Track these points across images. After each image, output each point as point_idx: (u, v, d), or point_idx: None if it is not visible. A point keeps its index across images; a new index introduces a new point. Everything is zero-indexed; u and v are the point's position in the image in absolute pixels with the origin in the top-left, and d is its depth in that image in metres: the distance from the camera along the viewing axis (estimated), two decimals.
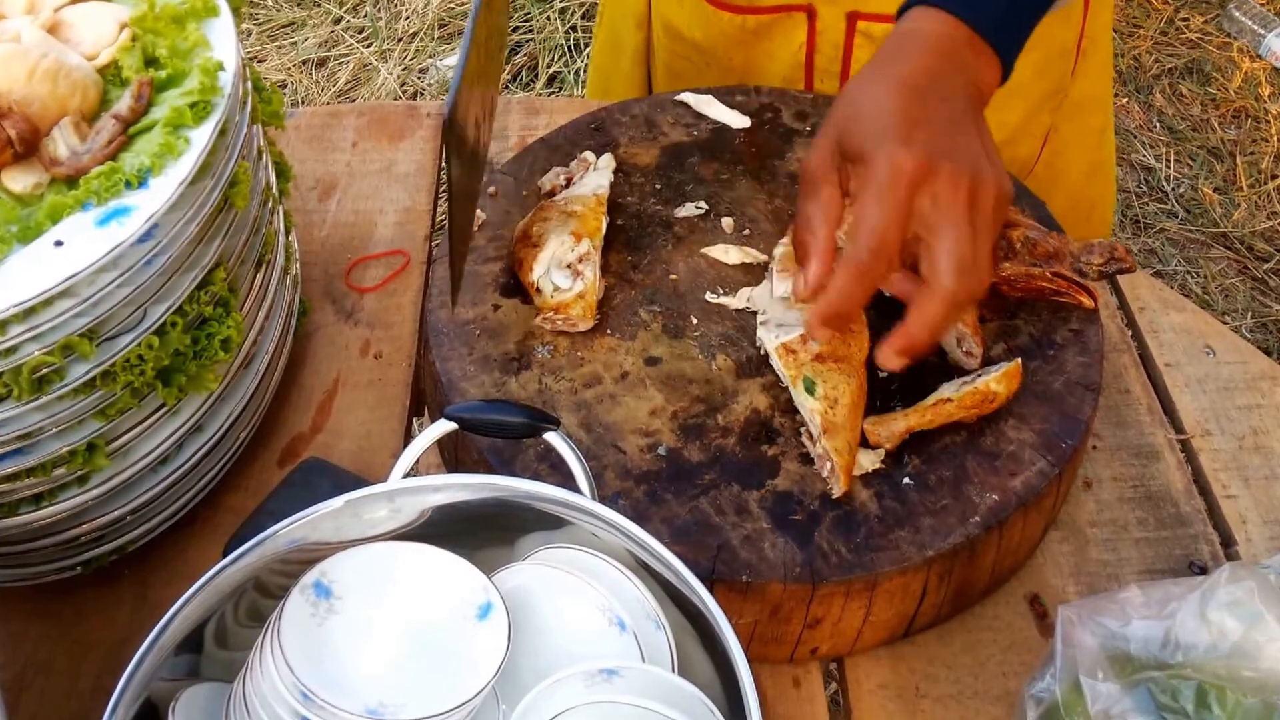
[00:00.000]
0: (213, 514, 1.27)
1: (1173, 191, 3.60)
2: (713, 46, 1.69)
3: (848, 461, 1.15)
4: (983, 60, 1.17)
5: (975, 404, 1.19)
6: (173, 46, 1.13)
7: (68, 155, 1.07)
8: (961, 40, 1.17)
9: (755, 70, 1.67)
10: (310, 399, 1.38)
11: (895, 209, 1.09)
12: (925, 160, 1.09)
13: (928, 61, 1.15)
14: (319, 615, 0.90)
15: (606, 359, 1.26)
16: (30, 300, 0.98)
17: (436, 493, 0.96)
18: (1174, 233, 3.49)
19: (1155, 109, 3.83)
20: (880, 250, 1.10)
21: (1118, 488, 1.30)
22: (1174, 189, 3.60)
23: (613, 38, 1.88)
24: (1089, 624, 1.05)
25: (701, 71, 1.73)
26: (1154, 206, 3.55)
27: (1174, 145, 3.73)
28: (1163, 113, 3.82)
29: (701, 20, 1.68)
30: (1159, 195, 3.59)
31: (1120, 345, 1.42)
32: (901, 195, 1.09)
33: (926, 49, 1.16)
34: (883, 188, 1.09)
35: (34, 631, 1.19)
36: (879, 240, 1.09)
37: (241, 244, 1.18)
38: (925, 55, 1.16)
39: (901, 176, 1.09)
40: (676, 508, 1.15)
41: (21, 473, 1.08)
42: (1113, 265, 1.30)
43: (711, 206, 1.40)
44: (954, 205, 1.10)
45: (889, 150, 1.09)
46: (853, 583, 1.11)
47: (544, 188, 1.42)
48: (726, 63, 1.69)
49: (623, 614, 0.93)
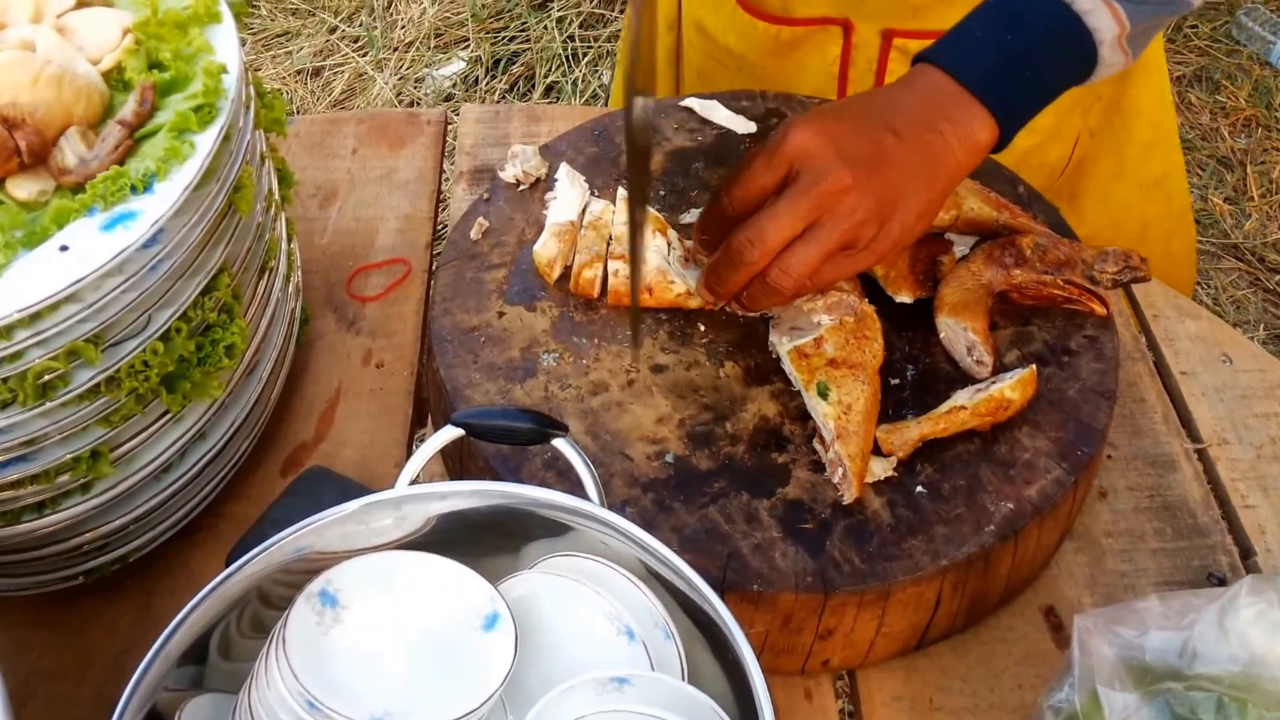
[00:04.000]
0: (215, 523, 1.26)
1: None
2: (745, 53, 1.69)
3: (860, 468, 1.13)
4: (972, 115, 1.19)
5: (990, 411, 1.18)
6: (176, 51, 1.13)
7: (76, 164, 1.07)
8: (950, 94, 1.19)
9: (787, 79, 1.67)
10: (312, 408, 1.37)
11: (792, 218, 1.15)
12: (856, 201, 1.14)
13: (909, 111, 1.19)
14: (324, 624, 0.89)
15: (613, 366, 1.25)
16: (36, 305, 0.97)
17: (443, 500, 0.95)
18: None
19: None
20: (759, 241, 1.15)
21: (1134, 498, 1.29)
22: None
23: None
24: (1106, 633, 1.04)
25: (733, 76, 1.72)
26: None
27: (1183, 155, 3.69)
28: None
29: (736, 27, 1.68)
30: None
31: (1135, 354, 1.41)
32: (803, 209, 1.14)
33: (914, 98, 1.20)
34: (798, 197, 1.15)
35: (36, 641, 1.18)
36: (762, 233, 1.15)
37: (245, 250, 1.17)
38: (910, 106, 1.19)
39: (825, 200, 1.14)
40: (685, 516, 1.14)
41: (25, 480, 1.07)
42: (1127, 273, 1.28)
43: None
44: (835, 226, 1.15)
45: (825, 180, 1.14)
46: (865, 593, 1.10)
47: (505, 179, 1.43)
48: (760, 70, 1.69)
49: (631, 623, 0.92)
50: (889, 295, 1.29)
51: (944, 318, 1.25)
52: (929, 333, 1.27)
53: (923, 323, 1.28)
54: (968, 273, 1.28)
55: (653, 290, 1.27)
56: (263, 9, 4.09)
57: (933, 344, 1.27)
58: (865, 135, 1.17)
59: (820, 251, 1.15)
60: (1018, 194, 1.39)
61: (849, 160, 1.15)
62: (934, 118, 1.19)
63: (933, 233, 1.31)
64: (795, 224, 1.15)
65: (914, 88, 1.21)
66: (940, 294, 1.28)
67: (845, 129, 1.17)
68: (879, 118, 1.19)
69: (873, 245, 1.17)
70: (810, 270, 1.16)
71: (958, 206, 1.30)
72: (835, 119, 1.18)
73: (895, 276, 1.29)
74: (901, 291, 1.29)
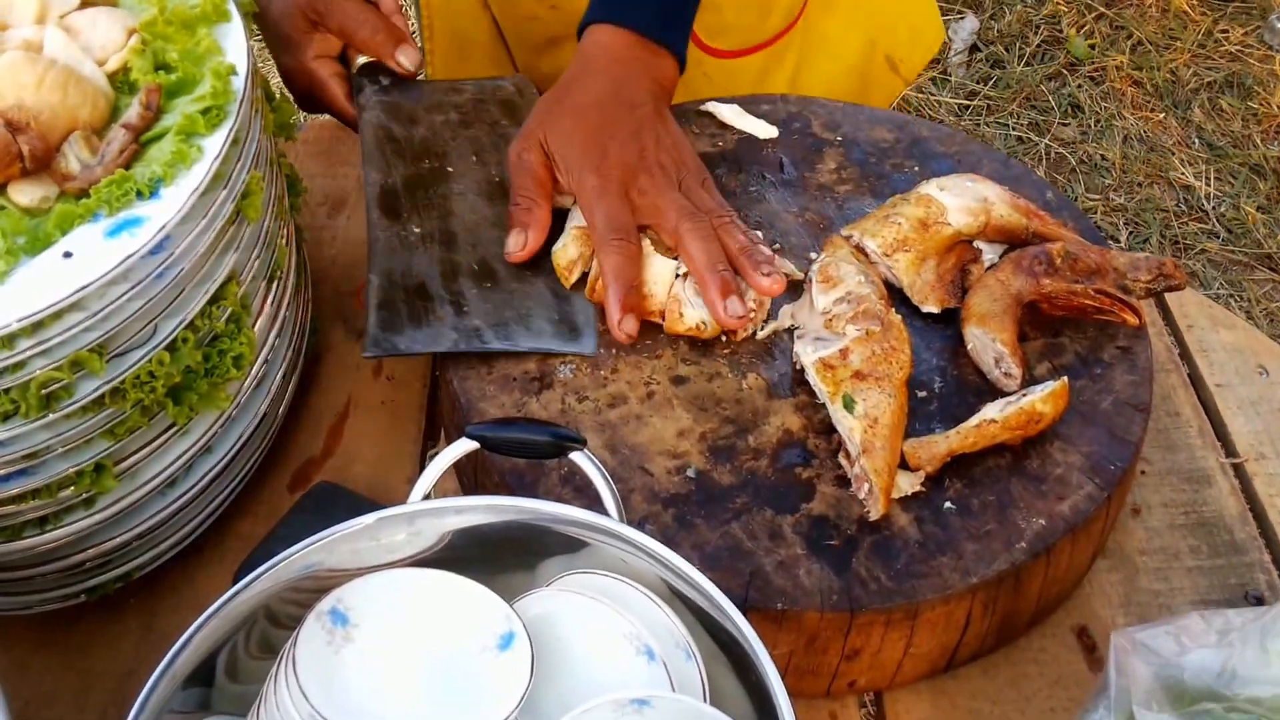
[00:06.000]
0: (221, 540, 1.24)
1: (1213, 211, 3.53)
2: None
3: (887, 483, 1.10)
4: (659, 58, 1.37)
5: (1020, 425, 1.15)
6: (184, 51, 1.11)
7: (80, 169, 1.05)
8: (636, 46, 1.37)
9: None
10: (321, 422, 1.34)
11: (615, 200, 1.27)
12: (620, 173, 1.28)
13: (610, 75, 1.35)
14: (335, 643, 0.87)
15: (632, 378, 1.22)
16: (39, 313, 0.95)
17: (458, 514, 0.93)
18: (1215, 254, 3.43)
19: (1194, 125, 3.78)
20: (619, 225, 1.26)
21: (1168, 514, 1.26)
22: (1215, 208, 3.54)
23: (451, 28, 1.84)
24: (1143, 652, 1.01)
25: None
26: (1194, 226, 3.50)
27: (1214, 162, 3.68)
28: (1202, 129, 3.77)
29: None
30: (1199, 215, 3.53)
31: (1168, 365, 1.38)
32: (614, 199, 1.27)
33: (608, 62, 1.36)
34: (595, 198, 1.27)
35: (37, 662, 1.16)
36: (613, 220, 1.26)
37: (253, 258, 1.15)
38: (607, 70, 1.36)
39: (607, 189, 1.27)
40: (707, 532, 1.11)
41: (27, 494, 1.05)
42: (1161, 282, 1.26)
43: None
44: (662, 190, 1.28)
45: (587, 178, 1.28)
46: (893, 611, 1.07)
47: None
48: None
49: (651, 642, 0.90)
50: (916, 305, 1.27)
51: (972, 328, 1.22)
52: (957, 343, 1.25)
53: (950, 333, 1.26)
54: (996, 282, 1.25)
55: (665, 318, 1.25)
56: None
57: (961, 355, 1.24)
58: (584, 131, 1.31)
59: (685, 202, 1.28)
60: (1046, 200, 1.36)
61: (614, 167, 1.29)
62: (635, 76, 1.35)
63: (961, 240, 1.28)
64: (625, 210, 1.28)
65: (606, 59, 1.36)
66: (968, 304, 1.25)
67: (600, 141, 1.30)
68: (617, 108, 1.33)
69: (688, 170, 1.32)
70: (710, 197, 1.30)
71: (986, 213, 1.27)
72: (580, 147, 1.31)
73: (922, 285, 1.26)
74: (929, 301, 1.26)
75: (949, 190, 1.29)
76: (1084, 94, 3.86)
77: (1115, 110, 3.81)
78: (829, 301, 1.20)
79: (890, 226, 1.27)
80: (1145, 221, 3.49)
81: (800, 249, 1.34)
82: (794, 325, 1.25)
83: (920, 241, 1.26)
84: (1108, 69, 3.94)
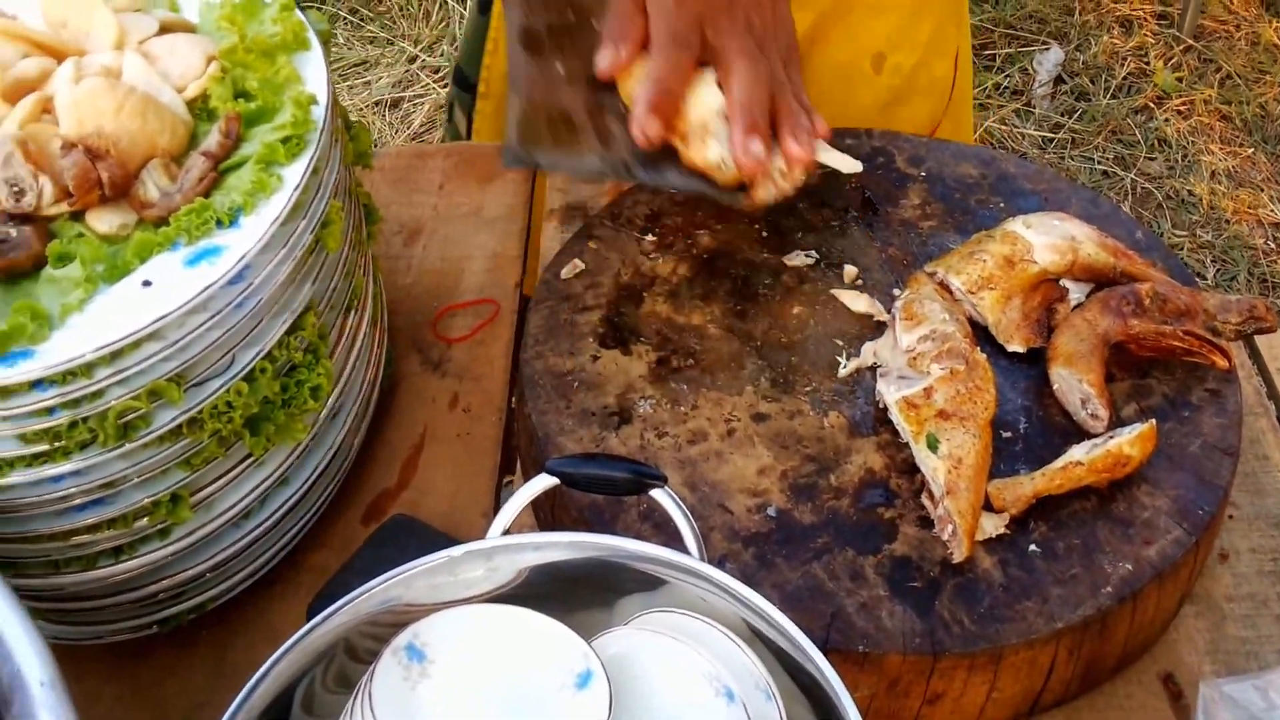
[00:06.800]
0: (295, 573, 1.23)
1: None
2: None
3: (970, 525, 1.08)
4: None
5: (1107, 468, 1.13)
6: (263, 79, 1.11)
7: (159, 197, 1.05)
8: None
9: None
10: (396, 453, 1.33)
11: (686, 19, 1.23)
12: (701, 6, 1.23)
13: None
14: (411, 679, 0.85)
15: (712, 414, 1.21)
16: (118, 342, 0.95)
17: (536, 550, 0.92)
18: None
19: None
20: (680, 38, 1.23)
21: (1256, 560, 1.23)
22: None
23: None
24: (1229, 704, 0.99)
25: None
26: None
27: None
28: None
29: None
30: None
31: (1257, 408, 1.35)
32: (685, 19, 1.23)
33: None
34: (667, 11, 1.23)
35: (108, 694, 1.15)
36: (676, 33, 1.23)
37: (331, 288, 1.14)
38: None
39: (683, 7, 1.23)
40: (787, 572, 1.09)
41: (103, 524, 1.05)
42: (1251, 324, 1.23)
43: (823, 255, 1.35)
44: (736, 35, 1.24)
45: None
46: (976, 655, 1.05)
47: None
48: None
49: (731, 683, 0.88)
50: (1001, 344, 1.24)
51: (1058, 369, 1.20)
52: (1042, 383, 1.23)
53: (1036, 372, 1.23)
54: (1083, 322, 1.22)
55: (687, 140, 1.24)
56: (340, 37, 4.04)
57: (1046, 395, 1.22)
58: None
59: (756, 50, 1.25)
60: (1135, 239, 1.34)
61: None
62: None
63: (1047, 278, 1.26)
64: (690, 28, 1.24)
65: None
66: (1054, 343, 1.22)
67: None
68: None
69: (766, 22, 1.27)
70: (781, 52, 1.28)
71: (1074, 251, 1.25)
72: None
73: (1008, 324, 1.24)
74: (1014, 340, 1.24)
75: (1036, 228, 1.27)
76: (1170, 128, 3.81)
77: (1203, 145, 3.76)
78: (913, 339, 1.18)
79: (975, 263, 1.25)
80: (1233, 259, 3.44)
81: (884, 285, 1.32)
82: (876, 363, 1.23)
83: (1006, 279, 1.24)
84: (1195, 103, 3.89)
